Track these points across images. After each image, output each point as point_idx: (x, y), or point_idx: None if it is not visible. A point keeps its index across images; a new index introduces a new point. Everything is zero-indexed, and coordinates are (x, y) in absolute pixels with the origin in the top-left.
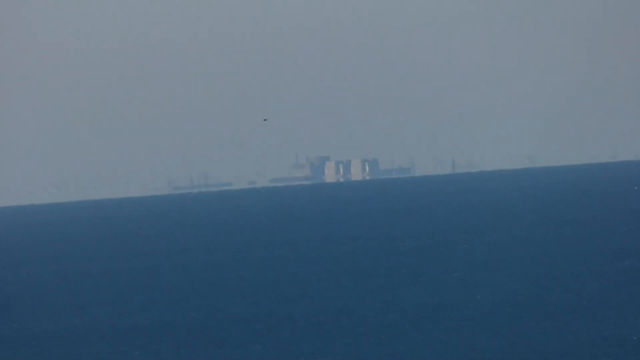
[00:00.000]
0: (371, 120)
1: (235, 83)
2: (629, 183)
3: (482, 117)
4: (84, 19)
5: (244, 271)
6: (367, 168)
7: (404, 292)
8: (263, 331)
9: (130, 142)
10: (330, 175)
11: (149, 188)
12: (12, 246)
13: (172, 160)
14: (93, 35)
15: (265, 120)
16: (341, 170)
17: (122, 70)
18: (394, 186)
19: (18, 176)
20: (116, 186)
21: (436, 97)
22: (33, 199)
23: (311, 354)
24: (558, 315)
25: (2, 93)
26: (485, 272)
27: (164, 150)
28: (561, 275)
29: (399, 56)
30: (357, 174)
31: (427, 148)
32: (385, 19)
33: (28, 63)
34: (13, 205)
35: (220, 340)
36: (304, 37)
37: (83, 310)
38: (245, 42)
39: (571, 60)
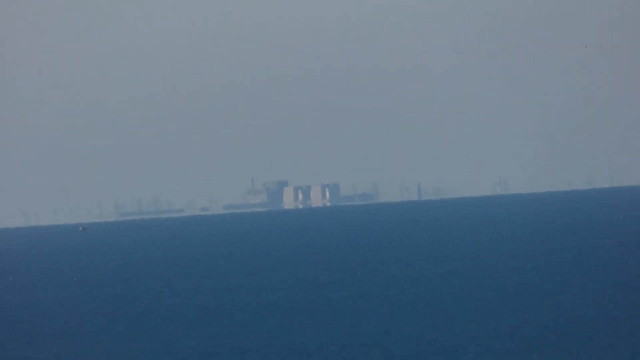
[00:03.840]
0: (331, 143)
1: (189, 102)
2: (605, 212)
3: (449, 140)
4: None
5: (196, 300)
6: (328, 194)
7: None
8: None
9: (75, 164)
10: (288, 201)
11: (95, 214)
12: None
13: (119, 184)
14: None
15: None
16: (300, 197)
17: (68, 84)
18: (356, 213)
19: None
20: (60, 212)
21: (401, 118)
22: None
23: None
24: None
25: None
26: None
27: (110, 174)
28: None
29: (361, 74)
30: (317, 200)
31: (391, 173)
32: (348, 37)
33: None
34: None
35: None
36: (264, 54)
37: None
38: (200, 60)
39: (545, 78)
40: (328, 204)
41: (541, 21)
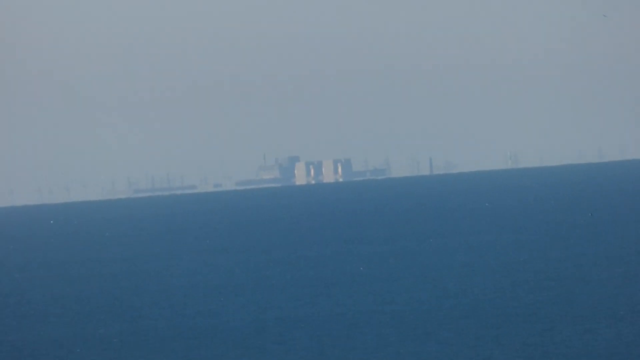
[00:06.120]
0: (343, 118)
1: (200, 80)
2: (617, 184)
3: (461, 115)
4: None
5: (214, 277)
6: (340, 169)
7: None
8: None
9: (88, 141)
10: (300, 177)
11: (108, 191)
12: None
13: (131, 161)
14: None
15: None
16: (312, 172)
17: (79, 66)
18: (368, 188)
19: None
20: (73, 189)
21: (412, 94)
22: None
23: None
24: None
25: None
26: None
27: (123, 151)
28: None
29: (372, 51)
30: (329, 175)
31: (403, 148)
32: (358, 18)
33: None
34: None
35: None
36: (274, 34)
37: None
38: (211, 38)
39: (556, 54)
40: (340, 179)
41: None
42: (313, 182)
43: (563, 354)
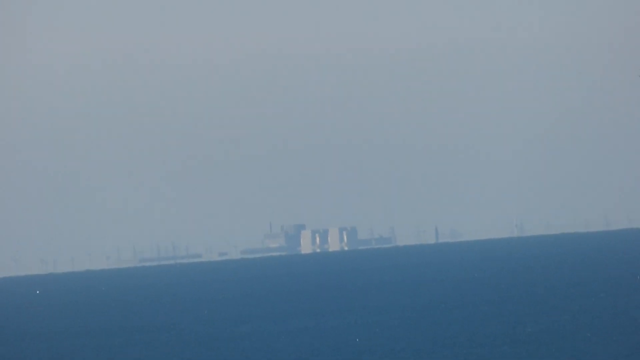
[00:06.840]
0: (349, 186)
1: (205, 148)
2: (623, 253)
3: (466, 183)
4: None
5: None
6: (345, 237)
7: None
8: None
9: (92, 210)
10: (306, 245)
11: (114, 260)
12: None
13: (137, 230)
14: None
15: None
16: (317, 240)
17: (81, 131)
18: (373, 257)
19: None
20: (78, 259)
21: (417, 162)
22: None
23: None
24: None
25: None
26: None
27: (128, 219)
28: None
29: (377, 120)
30: (334, 243)
31: (408, 216)
32: (362, 85)
33: None
34: None
35: None
36: (278, 101)
37: None
38: (216, 107)
39: (560, 122)
40: (346, 248)
41: (556, 55)
42: (319, 250)
43: None
